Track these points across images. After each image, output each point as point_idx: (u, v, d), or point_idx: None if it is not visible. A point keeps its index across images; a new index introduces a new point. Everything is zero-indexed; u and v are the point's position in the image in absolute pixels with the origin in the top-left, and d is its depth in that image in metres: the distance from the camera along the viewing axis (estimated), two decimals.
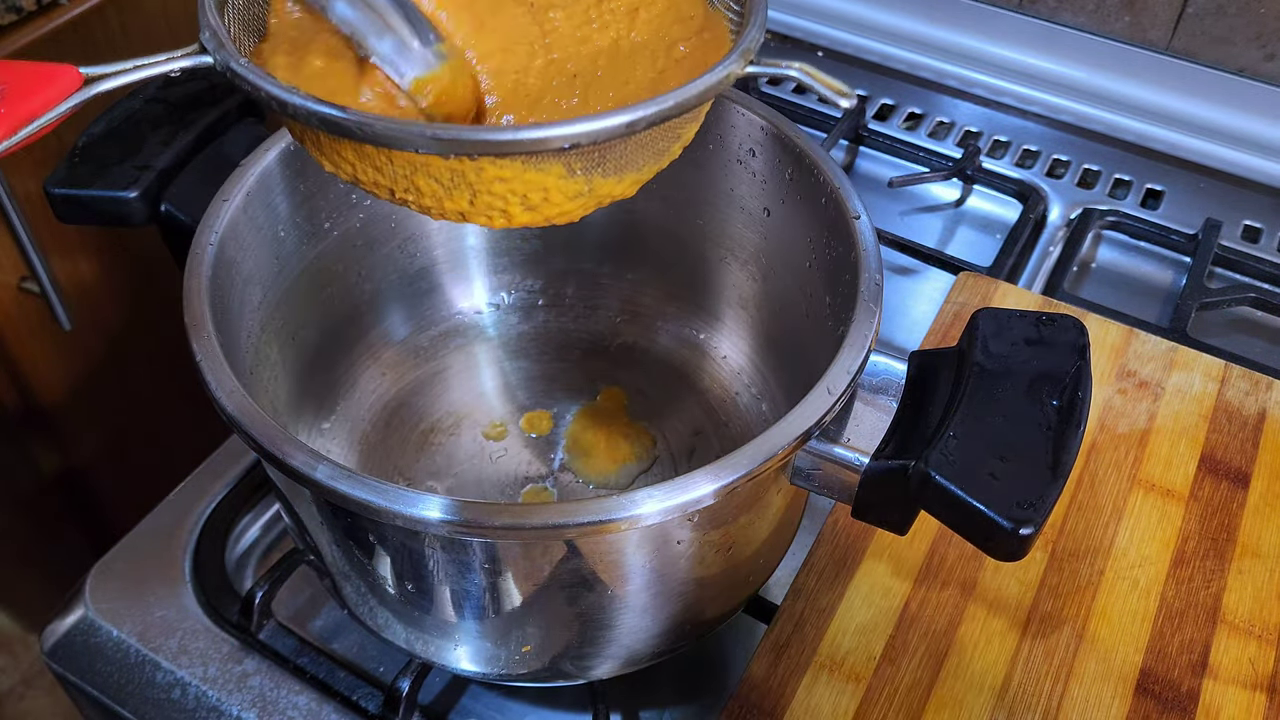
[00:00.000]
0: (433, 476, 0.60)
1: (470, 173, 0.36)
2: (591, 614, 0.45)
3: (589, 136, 0.35)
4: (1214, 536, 0.56)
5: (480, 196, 0.37)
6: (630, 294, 0.67)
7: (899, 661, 0.50)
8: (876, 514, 0.44)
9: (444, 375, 0.65)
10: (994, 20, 0.88)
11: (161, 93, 0.57)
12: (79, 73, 0.36)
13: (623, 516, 0.39)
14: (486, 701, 0.54)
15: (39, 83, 0.35)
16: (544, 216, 0.38)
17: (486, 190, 0.36)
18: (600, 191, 0.39)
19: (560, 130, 0.34)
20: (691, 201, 0.60)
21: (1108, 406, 0.61)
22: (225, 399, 0.42)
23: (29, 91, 0.35)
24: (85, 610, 0.57)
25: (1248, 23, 0.80)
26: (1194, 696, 0.50)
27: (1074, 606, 0.53)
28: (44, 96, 0.35)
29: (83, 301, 0.80)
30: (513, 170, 0.36)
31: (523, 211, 0.38)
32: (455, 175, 0.36)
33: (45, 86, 0.35)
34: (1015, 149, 0.85)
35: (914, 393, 0.45)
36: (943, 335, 0.65)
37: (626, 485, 0.60)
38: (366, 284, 0.61)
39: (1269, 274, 0.75)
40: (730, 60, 0.37)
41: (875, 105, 0.88)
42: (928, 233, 0.79)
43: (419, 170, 0.36)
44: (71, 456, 0.92)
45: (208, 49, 0.37)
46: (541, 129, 0.34)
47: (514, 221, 0.38)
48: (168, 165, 0.54)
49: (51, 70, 0.36)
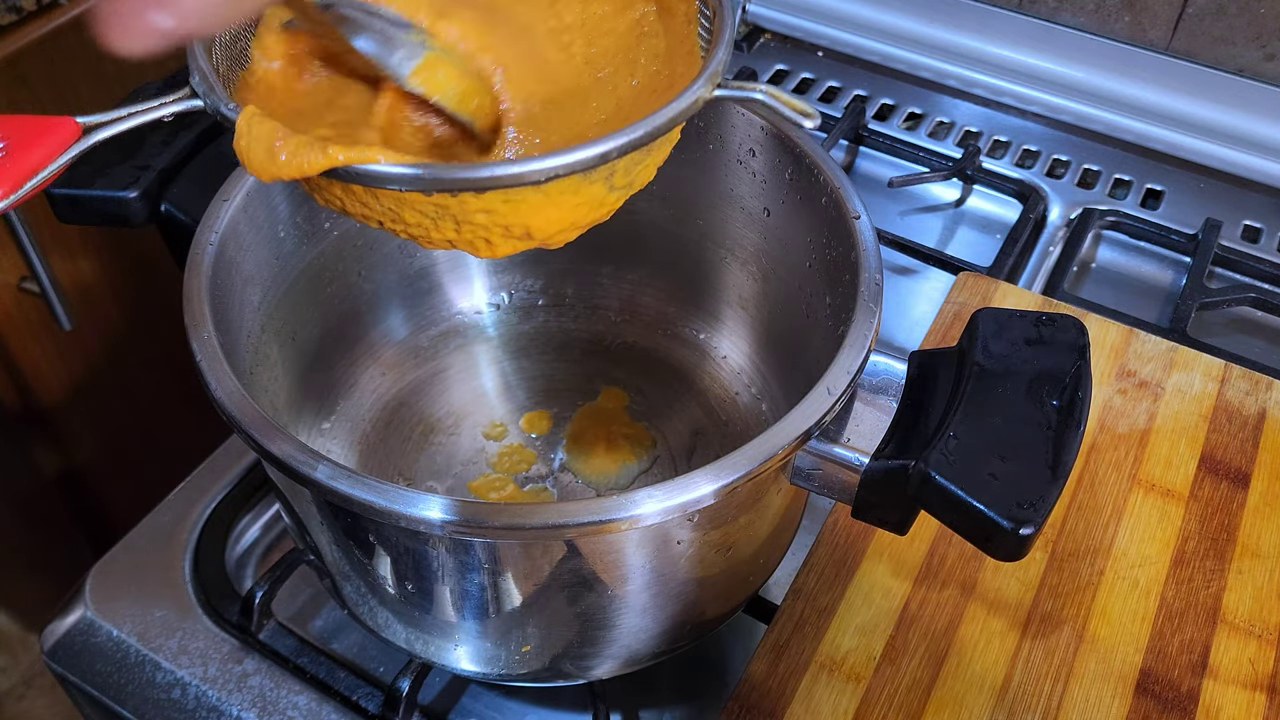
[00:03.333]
0: (433, 476, 0.60)
1: (453, 206, 0.37)
2: (591, 614, 0.45)
3: (564, 169, 0.35)
4: (1214, 536, 0.56)
5: (464, 227, 0.38)
6: (630, 294, 0.67)
7: (899, 661, 0.50)
8: (876, 514, 0.44)
9: (444, 375, 0.65)
10: (994, 20, 0.88)
11: (162, 93, 0.57)
12: (77, 123, 0.37)
13: (623, 516, 0.39)
14: (486, 701, 0.54)
15: (39, 135, 0.36)
16: (529, 244, 0.39)
17: (469, 221, 0.37)
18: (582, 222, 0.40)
19: (535, 165, 0.35)
20: (691, 201, 0.60)
21: (1108, 406, 0.61)
22: (225, 399, 0.42)
23: (30, 145, 0.35)
24: (85, 610, 0.57)
25: (1248, 23, 0.80)
26: (1194, 696, 0.50)
27: (1074, 606, 0.53)
28: (45, 150, 0.36)
29: (83, 301, 0.80)
30: (492, 202, 0.37)
31: (505, 240, 0.38)
32: (439, 209, 0.37)
33: (45, 139, 0.36)
34: (1015, 149, 0.85)
35: (914, 393, 0.45)
36: (943, 335, 0.65)
37: (626, 485, 0.60)
38: (366, 284, 0.61)
39: (1269, 274, 0.75)
40: (698, 85, 0.38)
41: (875, 105, 0.88)
42: (928, 233, 0.79)
43: (404, 204, 0.37)
44: (71, 456, 0.92)
45: (198, 93, 0.38)
46: (518, 165, 0.35)
47: (498, 251, 0.39)
48: (168, 165, 0.54)
49: (50, 123, 0.36)
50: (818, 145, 0.53)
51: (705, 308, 0.65)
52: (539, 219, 0.38)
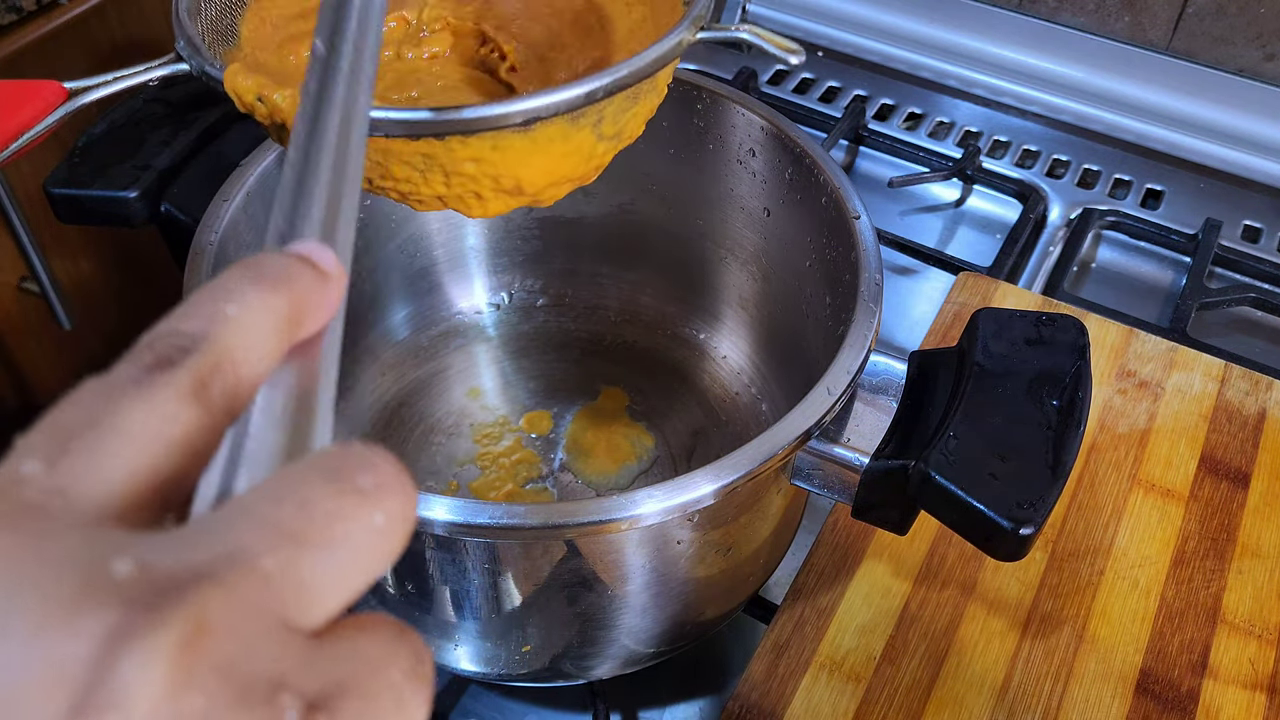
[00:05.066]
0: (433, 476, 0.60)
1: (441, 154, 0.36)
2: (591, 614, 0.45)
3: (549, 109, 0.35)
4: (1214, 536, 0.56)
5: (454, 179, 0.37)
6: (630, 294, 0.67)
7: (899, 661, 0.50)
8: (876, 514, 0.44)
9: (444, 375, 0.65)
10: (994, 20, 0.88)
11: (161, 93, 0.57)
12: (62, 87, 0.37)
13: (623, 516, 0.39)
14: (486, 701, 0.54)
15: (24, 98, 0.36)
16: (520, 200, 0.39)
17: (458, 171, 0.37)
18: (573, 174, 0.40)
19: (519, 105, 0.35)
20: (691, 201, 0.60)
21: (1108, 406, 0.61)
22: None
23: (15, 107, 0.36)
24: None
25: (1248, 23, 0.80)
26: (1194, 696, 0.50)
27: (1074, 606, 0.53)
28: (30, 111, 0.36)
29: (83, 301, 0.80)
30: (480, 149, 0.36)
31: (495, 195, 0.38)
32: (426, 159, 0.37)
33: (31, 101, 0.36)
34: (1015, 149, 0.85)
35: (914, 393, 0.45)
36: (943, 335, 0.65)
37: (626, 485, 0.60)
38: (367, 284, 0.61)
39: (1269, 274, 0.75)
40: (681, 28, 0.38)
41: (875, 105, 0.88)
42: (928, 233, 0.79)
43: (391, 157, 0.37)
44: None
45: (183, 56, 0.38)
46: (501, 105, 0.35)
47: (490, 208, 0.39)
48: (168, 165, 0.54)
49: (35, 86, 0.37)
50: (817, 145, 0.53)
51: (705, 308, 0.65)
52: (528, 170, 0.37)
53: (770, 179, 0.55)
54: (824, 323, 0.52)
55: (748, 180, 0.57)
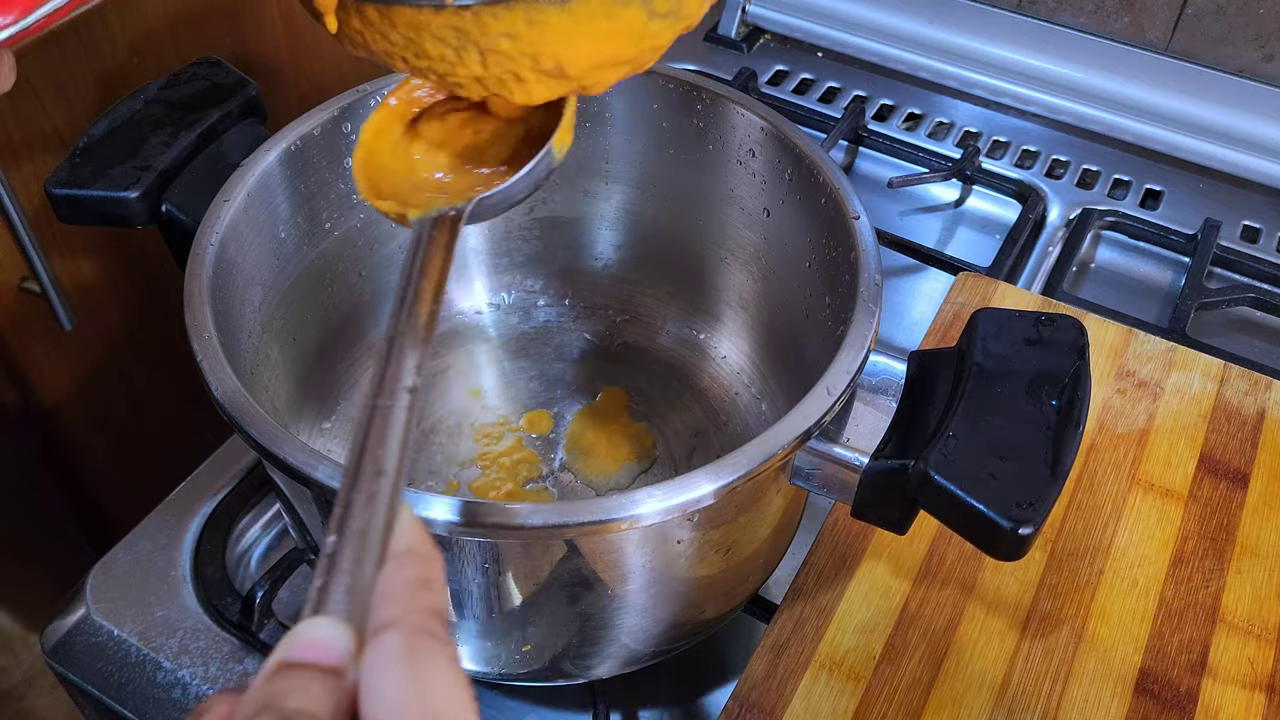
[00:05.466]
0: (433, 476, 0.60)
1: (473, 30, 0.35)
2: (591, 614, 0.45)
3: None
4: (1213, 536, 0.56)
5: (490, 57, 0.35)
6: (630, 294, 0.67)
7: (899, 661, 0.50)
8: (876, 514, 0.44)
9: (444, 375, 0.65)
10: (994, 20, 0.88)
11: (162, 93, 0.57)
12: None
13: (623, 516, 0.39)
14: (487, 701, 0.54)
15: None
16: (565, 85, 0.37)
17: (493, 49, 0.35)
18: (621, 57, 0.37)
19: None
20: (691, 201, 0.60)
21: (1107, 406, 0.61)
22: (226, 399, 0.42)
23: None
24: (86, 610, 0.57)
25: (1247, 23, 0.80)
26: (1193, 696, 0.50)
27: (1073, 606, 0.53)
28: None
29: (83, 301, 0.80)
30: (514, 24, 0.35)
31: (537, 78, 0.36)
32: (460, 35, 0.35)
33: None
34: (1015, 149, 0.85)
35: (914, 393, 0.45)
36: (942, 335, 0.65)
37: (626, 485, 0.61)
38: (367, 284, 0.61)
39: (1268, 274, 0.75)
40: None
41: (875, 105, 0.88)
42: (927, 233, 0.79)
43: (423, 32, 0.35)
44: (72, 456, 0.92)
45: None
46: None
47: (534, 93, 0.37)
48: (168, 166, 0.54)
49: None
50: (817, 145, 0.53)
51: (705, 308, 0.65)
52: (569, 50, 0.35)
53: (770, 179, 0.56)
54: (824, 323, 0.52)
55: (747, 180, 0.57)
